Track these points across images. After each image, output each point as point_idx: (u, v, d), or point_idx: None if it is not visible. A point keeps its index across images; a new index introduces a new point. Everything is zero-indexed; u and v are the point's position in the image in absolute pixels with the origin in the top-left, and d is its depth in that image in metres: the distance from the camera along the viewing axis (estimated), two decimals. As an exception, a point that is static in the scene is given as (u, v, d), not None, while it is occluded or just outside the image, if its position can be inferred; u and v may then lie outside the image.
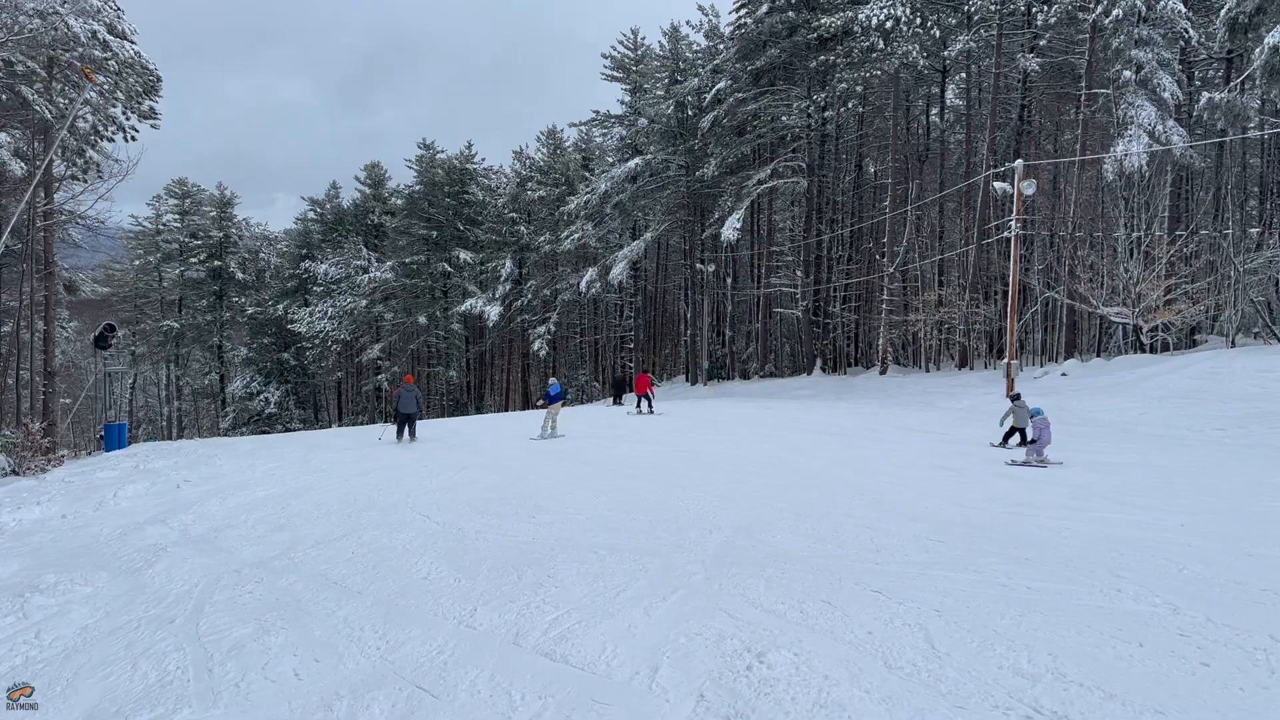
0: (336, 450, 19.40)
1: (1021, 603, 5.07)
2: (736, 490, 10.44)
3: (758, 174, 40.54)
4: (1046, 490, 10.00)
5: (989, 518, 8.19)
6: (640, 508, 9.32)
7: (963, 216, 41.23)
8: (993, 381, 30.90)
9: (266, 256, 77.30)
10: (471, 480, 12.24)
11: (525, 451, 16.55)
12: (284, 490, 12.34)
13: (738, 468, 12.72)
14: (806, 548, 7.00)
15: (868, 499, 9.68)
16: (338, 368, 70.35)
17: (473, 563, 6.89)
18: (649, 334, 61.45)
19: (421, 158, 67.04)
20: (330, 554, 7.71)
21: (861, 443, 16.73)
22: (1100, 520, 7.98)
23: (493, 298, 59.21)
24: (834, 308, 42.56)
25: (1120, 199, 30.06)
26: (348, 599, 6.09)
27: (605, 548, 7.19)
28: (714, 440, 17.74)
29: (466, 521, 8.77)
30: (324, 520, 9.50)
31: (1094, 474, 11.76)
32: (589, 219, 51.20)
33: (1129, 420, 20.92)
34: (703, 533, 7.72)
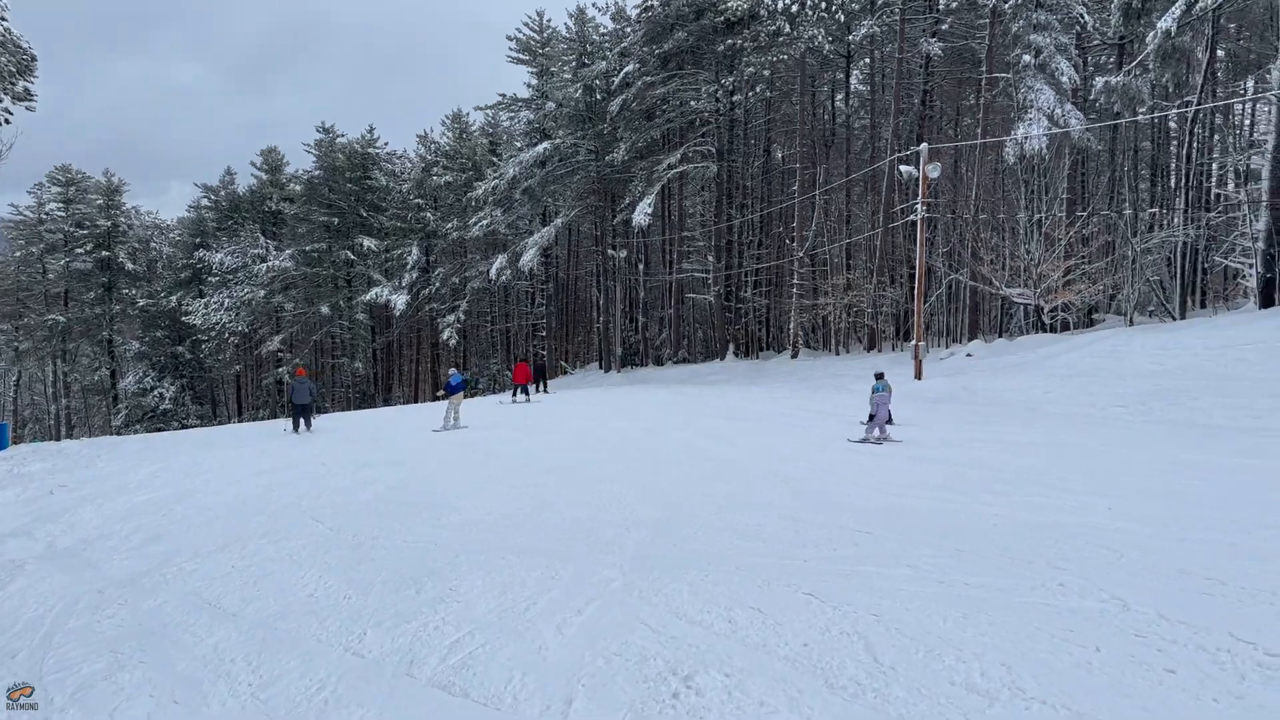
0: (230, 448, 18.27)
1: (963, 602, 4.72)
2: (655, 482, 9.99)
3: (668, 158, 40.18)
4: (967, 474, 9.83)
5: (913, 504, 7.92)
6: (553, 504, 8.78)
7: (869, 201, 41.74)
8: (901, 363, 31.31)
9: (158, 246, 73.57)
10: (372, 479, 11.48)
11: (431, 445, 15.79)
12: (168, 495, 11.35)
13: (655, 458, 12.28)
14: (731, 545, 6.57)
15: (789, 488, 9.35)
16: (236, 361, 67.41)
17: (367, 575, 6.22)
18: (561, 321, 60.70)
19: (321, 142, 64.51)
20: (208, 568, 6.94)
21: (778, 428, 16.51)
22: (1026, 505, 7.79)
23: (399, 286, 57.46)
24: (746, 292, 42.64)
25: (1021, 181, 30.72)
26: (221, 623, 5.38)
27: (515, 551, 6.62)
28: (630, 429, 17.30)
29: (363, 526, 8.07)
30: (206, 528, 8.66)
31: (1008, 454, 11.72)
32: (498, 205, 50.07)
33: (1034, 399, 21.31)
34: (620, 531, 7.22)
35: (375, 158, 65.10)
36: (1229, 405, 17.04)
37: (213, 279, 64.05)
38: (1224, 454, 11.22)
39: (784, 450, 13.05)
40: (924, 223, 26.62)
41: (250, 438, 21.08)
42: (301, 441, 18.13)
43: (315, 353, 65.64)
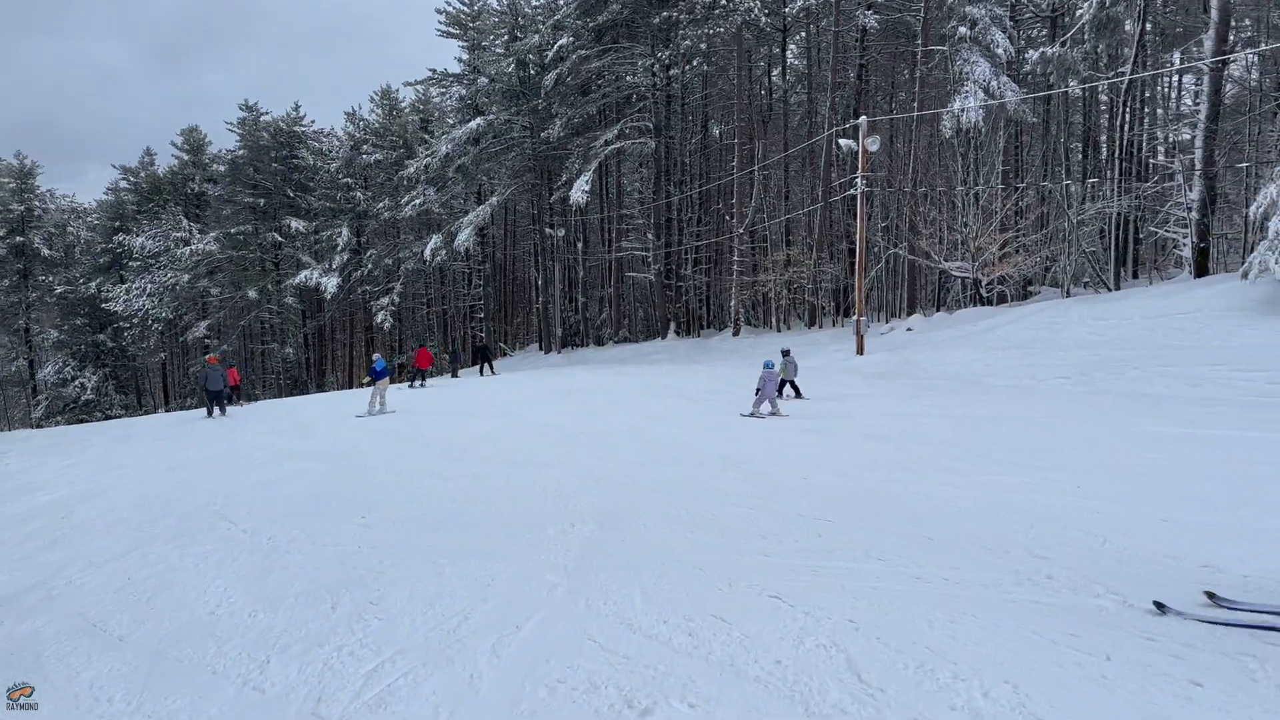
0: (147, 441, 17.24)
1: (946, 602, 4.25)
2: (600, 469, 9.41)
3: (605, 134, 39.37)
4: (920, 453, 9.47)
5: (873, 488, 7.49)
6: (490, 497, 8.14)
7: (807, 176, 41.54)
8: (841, 339, 31.21)
9: (76, 231, 70.15)
10: (296, 472, 10.69)
11: (361, 435, 14.98)
12: (73, 494, 10.44)
13: (599, 442, 11.72)
14: (685, 539, 6.03)
15: (740, 471, 8.86)
16: (161, 348, 64.86)
17: (278, 586, 5.52)
18: (500, 302, 59.60)
19: (244, 120, 62.01)
20: (102, 580, 6.17)
21: (723, 407, 16.08)
22: (989, 485, 7.41)
23: (329, 268, 55.66)
24: (686, 270, 42.18)
25: (958, 155, 30.75)
26: (105, 650, 4.67)
27: (447, 554, 5.97)
28: (572, 412, 16.70)
29: (280, 527, 7.33)
30: (109, 532, 7.83)
31: (960, 430, 11.43)
32: (430, 183, 48.74)
33: (976, 372, 21.30)
34: (564, 527, 6.62)
35: (302, 136, 62.88)
36: (1169, 374, 17.13)
37: (134, 264, 61.39)
38: (1173, 424, 11.08)
39: (732, 431, 12.61)
40: (863, 197, 26.39)
41: (171, 429, 19.99)
42: (223, 432, 17.15)
43: (244, 338, 63.46)
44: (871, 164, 30.63)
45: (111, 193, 69.81)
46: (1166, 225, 26.96)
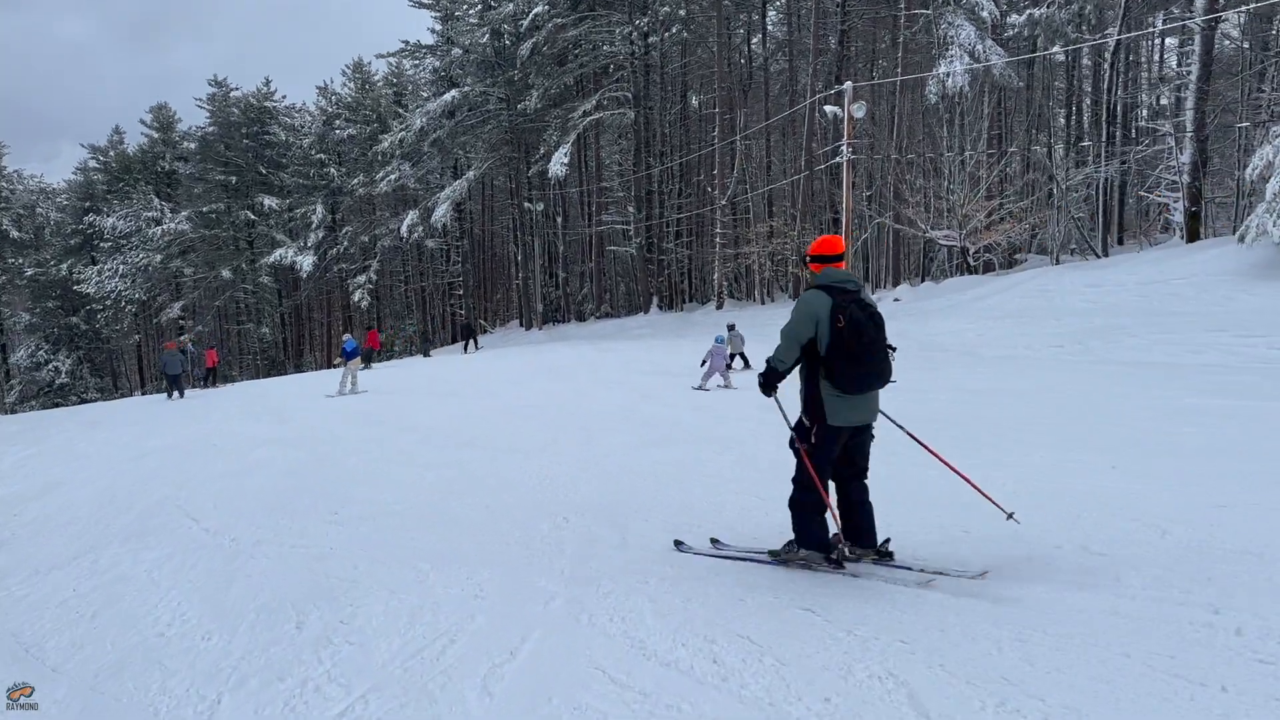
0: (116, 427, 16.49)
1: (1007, 616, 3.62)
2: (591, 453, 8.81)
3: (583, 105, 38.48)
4: (933, 431, 8.91)
5: (890, 471, 6.92)
6: (474, 488, 7.51)
7: (789, 146, 40.84)
8: (829, 310, 30.76)
9: (45, 212, 68.34)
10: (266, 461, 10.02)
11: (337, 419, 14.31)
12: (29, 488, 9.72)
13: (587, 423, 11.12)
14: (691, 536, 5.44)
15: (740, 454, 8.30)
16: (135, 330, 63.47)
17: (239, 599, 4.88)
18: (479, 279, 58.67)
19: (214, 96, 60.49)
20: (44, 591, 5.51)
21: (711, 384, 15.54)
22: (1016, 467, 6.86)
23: (305, 246, 54.54)
24: (668, 243, 41.46)
25: (943, 121, 30.17)
26: (34, 684, 4.03)
27: (429, 558, 5.33)
28: (556, 391, 16.08)
29: (247, 525, 6.67)
30: (61, 532, 7.16)
31: (966, 405, 10.92)
32: (405, 158, 47.65)
33: (969, 342, 20.84)
34: (557, 523, 6.00)
35: (273, 111, 61.45)
36: (1168, 341, 16.70)
37: (105, 245, 59.92)
38: (1188, 393, 10.59)
39: (721, 408, 12.05)
40: (850, 165, 25.79)
41: (141, 413, 19.24)
42: (194, 417, 16.45)
43: (219, 319, 62.26)
44: (859, 131, 30.00)
45: (80, 172, 68.01)
46: (1157, 189, 26.51)
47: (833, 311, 4.40)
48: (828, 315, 4.40)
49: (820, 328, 4.44)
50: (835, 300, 4.43)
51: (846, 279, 4.60)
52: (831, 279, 4.58)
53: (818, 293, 4.52)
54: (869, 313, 4.46)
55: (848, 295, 4.48)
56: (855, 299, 4.47)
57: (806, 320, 4.48)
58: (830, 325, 4.39)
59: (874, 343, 4.43)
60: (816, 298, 4.48)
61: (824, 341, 4.44)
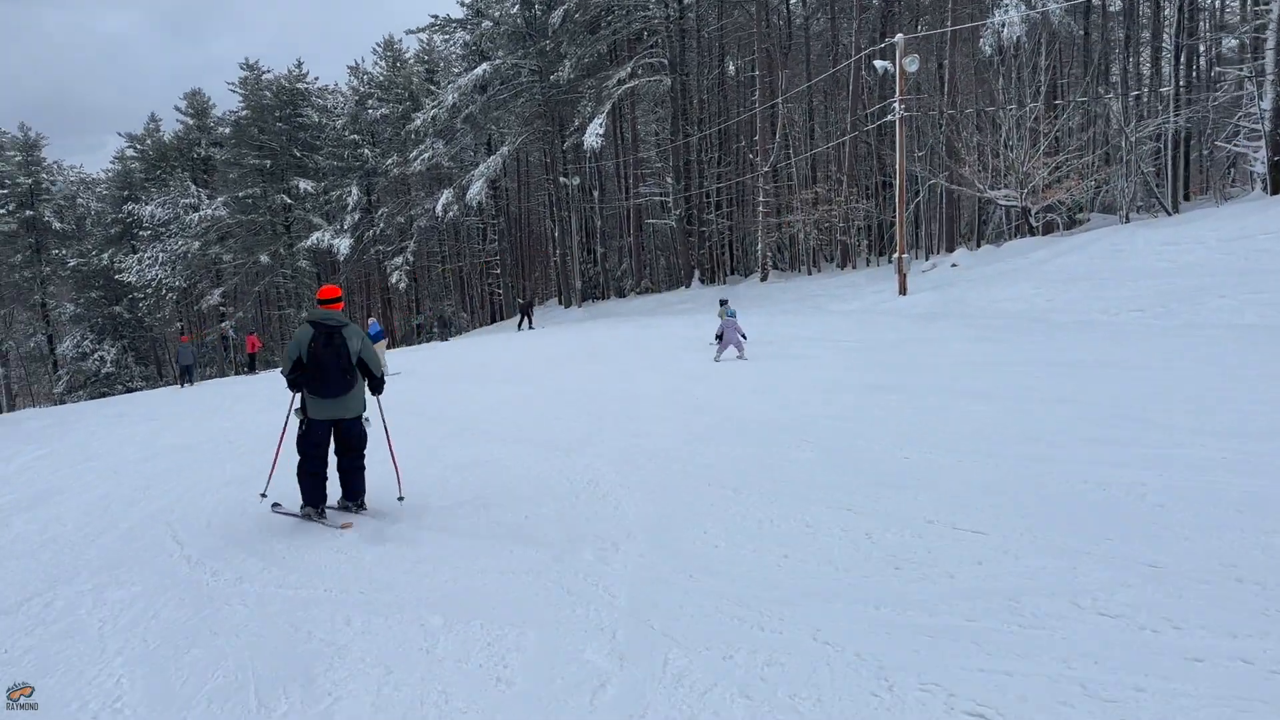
0: (135, 421, 15.82)
1: (1227, 693, 2.60)
2: (638, 449, 7.77)
3: (617, 73, 37.22)
4: (1041, 415, 7.77)
5: (1015, 472, 5.78)
6: (507, 496, 6.51)
7: (832, 108, 39.22)
8: (879, 279, 29.30)
9: (86, 202, 68.79)
10: (279, 464, 9.15)
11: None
12: (23, 497, 8.86)
13: (633, 411, 10.11)
14: (778, 567, 4.34)
15: (814, 447, 7.18)
16: (177, 317, 63.76)
17: (193, 674, 3.82)
18: (515, 257, 57.86)
19: (246, 80, 59.97)
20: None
21: (765, 360, 14.39)
22: (1171, 463, 5.63)
23: (341, 229, 54.08)
24: (708, 214, 40.14)
25: (998, 74, 28.48)
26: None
27: (441, 608, 4.25)
28: (598, 374, 15.07)
29: (235, 552, 5.71)
30: (31, 558, 6.20)
31: (1071, 382, 9.66)
32: (439, 135, 46.80)
33: (1037, 308, 19.48)
34: (604, 549, 4.94)
35: (305, 93, 60.83)
36: (1260, 302, 15.27)
37: (144, 233, 60.06)
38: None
39: (785, 390, 10.93)
40: (902, 123, 24.32)
41: (168, 406, 18.61)
42: (218, 410, 15.77)
43: (259, 304, 62.20)
44: (911, 87, 28.40)
45: (119, 161, 68.21)
46: (1236, 139, 24.66)
47: (310, 340, 5.91)
48: (307, 342, 5.93)
49: (303, 350, 5.95)
50: (315, 332, 5.94)
51: (328, 317, 6.06)
52: (316, 316, 6.08)
53: (305, 326, 6.02)
54: (332, 345, 5.92)
55: (323, 329, 5.96)
56: (326, 332, 5.94)
57: (294, 345, 6.02)
58: (308, 349, 5.92)
59: (327, 366, 5.92)
60: (303, 330, 6.02)
61: (305, 360, 5.95)
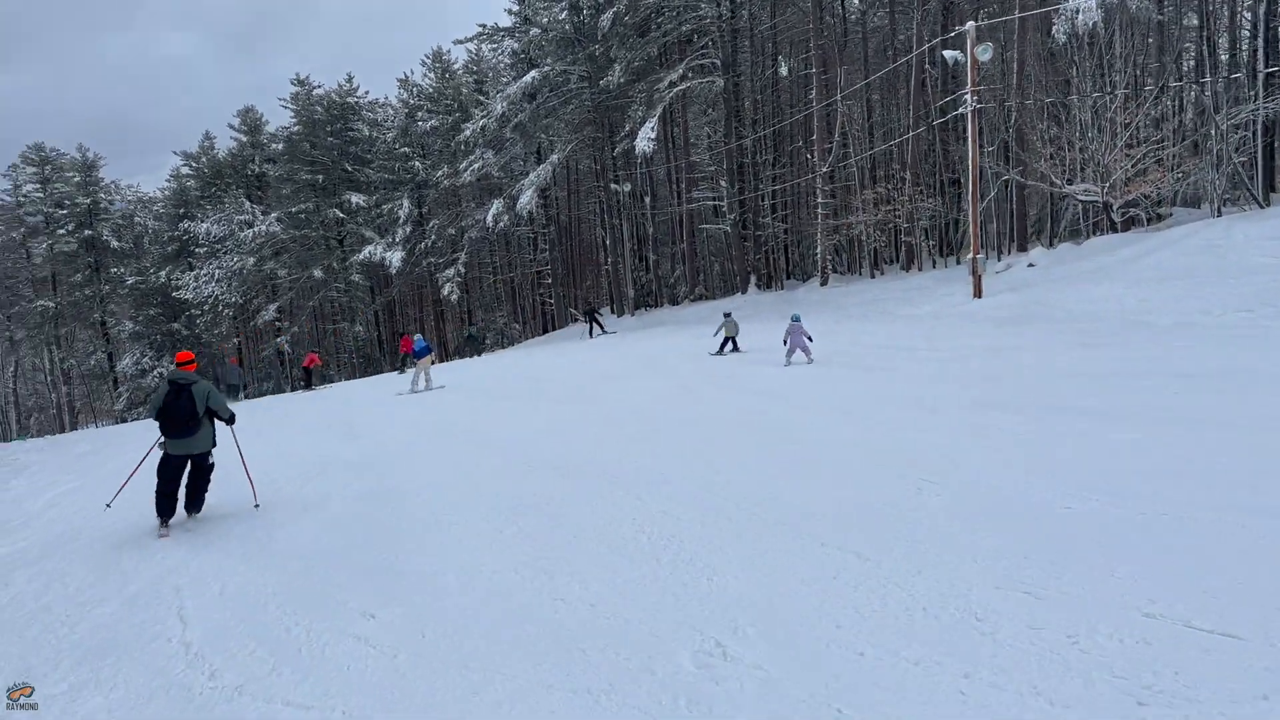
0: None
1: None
2: (720, 489, 6.68)
3: (668, 75, 36.19)
4: (1199, 440, 6.50)
5: (1207, 535, 4.55)
6: (571, 564, 5.41)
7: (891, 105, 37.69)
8: (949, 281, 27.78)
9: (143, 221, 69.86)
10: (317, 500, 8.25)
11: (410, 430, 12.55)
12: (37, 542, 8.06)
13: (705, 437, 9.03)
14: (963, 700, 3.17)
15: (938, 488, 5.99)
16: (233, 333, 64.23)
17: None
18: (567, 266, 57.09)
19: (297, 95, 60.31)
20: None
21: (840, 371, 13.16)
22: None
23: (393, 242, 53.92)
24: (764, 218, 38.83)
25: (1071, 63, 26.83)
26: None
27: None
28: (659, 390, 13.99)
29: (244, 640, 4.69)
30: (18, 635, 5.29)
31: (1205, 395, 8.34)
32: (488, 145, 46.23)
33: (1130, 310, 17.94)
34: (705, 654, 3.70)
35: (355, 107, 60.97)
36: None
37: (200, 250, 60.64)
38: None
39: (873, 408, 9.72)
40: (975, 116, 22.87)
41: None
42: (263, 433, 15.01)
43: (314, 319, 62.36)
44: (983, 77, 26.86)
45: (174, 179, 69.13)
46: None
47: (166, 395, 7.60)
48: (163, 396, 7.64)
49: (158, 404, 7.72)
50: (169, 389, 7.59)
51: (181, 377, 7.73)
52: (172, 375, 7.75)
53: (164, 384, 7.68)
54: (179, 400, 7.56)
55: (175, 386, 7.61)
56: (176, 389, 7.60)
57: (155, 399, 7.83)
58: (162, 402, 7.65)
59: (174, 415, 7.56)
60: (162, 386, 7.68)
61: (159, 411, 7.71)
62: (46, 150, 65.85)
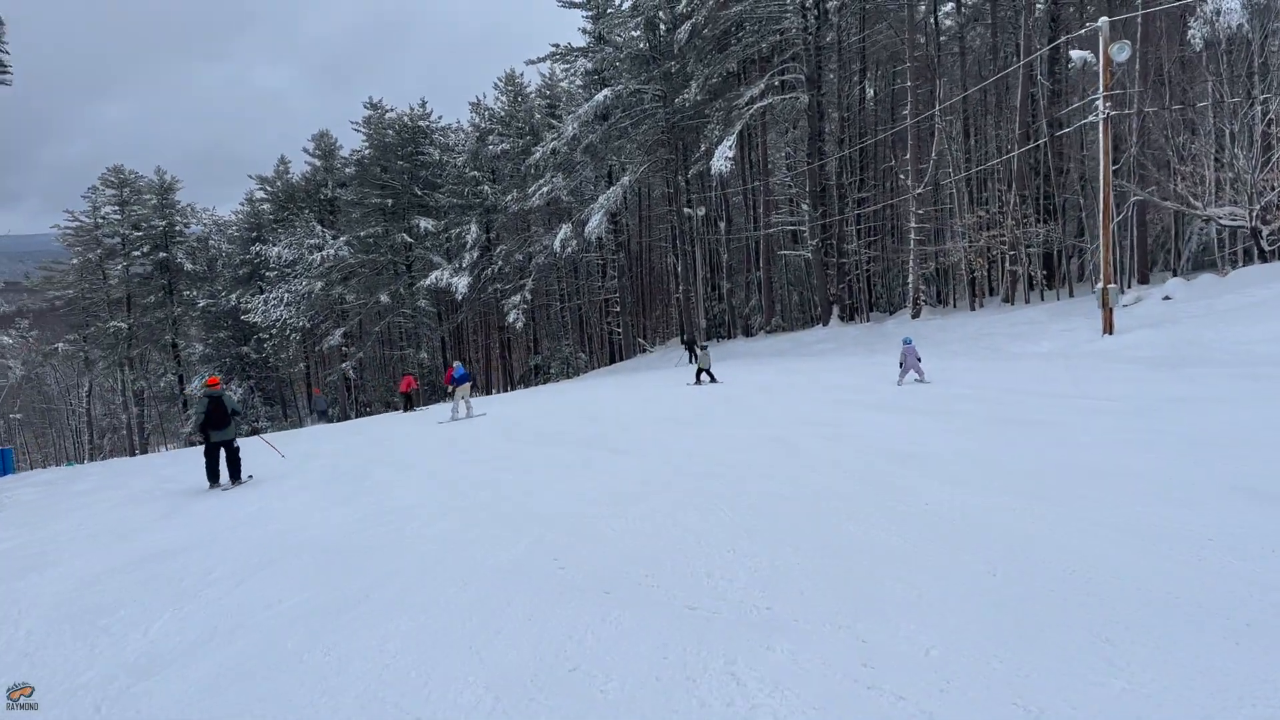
0: (205, 496, 13.14)
1: None
2: (901, 655, 4.04)
3: (748, 91, 33.89)
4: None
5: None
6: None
7: (993, 123, 34.65)
8: (1063, 315, 24.64)
9: (218, 244, 70.21)
10: (344, 578, 5.89)
11: (457, 481, 10.22)
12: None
13: (810, 501, 6.50)
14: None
15: (1229, 625, 3.37)
16: (301, 357, 63.64)
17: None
18: (636, 295, 54.94)
19: (370, 119, 59.83)
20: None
21: (982, 427, 10.35)
22: None
23: (460, 268, 52.50)
24: (848, 244, 36.00)
25: (1208, 72, 23.66)
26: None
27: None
28: (743, 439, 11.37)
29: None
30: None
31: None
32: (558, 169, 44.49)
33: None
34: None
35: (426, 131, 60.06)
36: None
37: (271, 274, 60.30)
38: None
39: (1079, 488, 6.87)
40: (1107, 125, 19.94)
41: (263, 464, 15.98)
42: (261, 485, 12.91)
43: (379, 344, 61.31)
44: (1117, 81, 23.81)
45: (247, 203, 69.35)
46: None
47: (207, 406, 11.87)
48: (205, 406, 11.89)
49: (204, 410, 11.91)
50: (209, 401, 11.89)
51: (214, 392, 12.04)
52: (208, 391, 12.04)
53: (204, 399, 11.98)
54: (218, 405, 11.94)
55: (212, 399, 11.90)
56: (212, 399, 11.92)
57: (199, 407, 12.09)
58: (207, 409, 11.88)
59: (214, 418, 11.90)
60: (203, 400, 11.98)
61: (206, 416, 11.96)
62: (125, 173, 66.65)
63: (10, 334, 71.55)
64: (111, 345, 65.06)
